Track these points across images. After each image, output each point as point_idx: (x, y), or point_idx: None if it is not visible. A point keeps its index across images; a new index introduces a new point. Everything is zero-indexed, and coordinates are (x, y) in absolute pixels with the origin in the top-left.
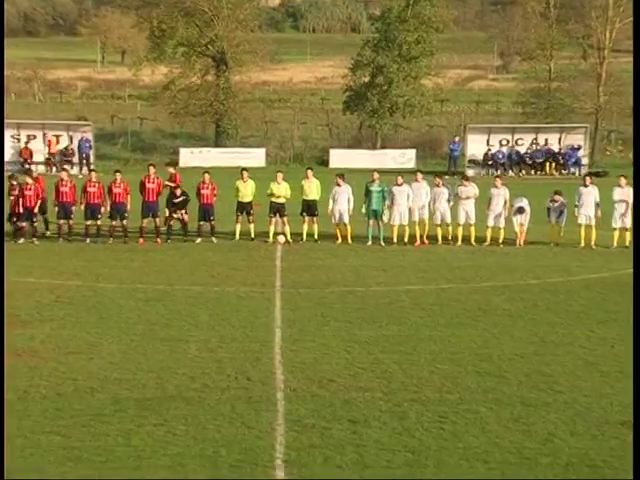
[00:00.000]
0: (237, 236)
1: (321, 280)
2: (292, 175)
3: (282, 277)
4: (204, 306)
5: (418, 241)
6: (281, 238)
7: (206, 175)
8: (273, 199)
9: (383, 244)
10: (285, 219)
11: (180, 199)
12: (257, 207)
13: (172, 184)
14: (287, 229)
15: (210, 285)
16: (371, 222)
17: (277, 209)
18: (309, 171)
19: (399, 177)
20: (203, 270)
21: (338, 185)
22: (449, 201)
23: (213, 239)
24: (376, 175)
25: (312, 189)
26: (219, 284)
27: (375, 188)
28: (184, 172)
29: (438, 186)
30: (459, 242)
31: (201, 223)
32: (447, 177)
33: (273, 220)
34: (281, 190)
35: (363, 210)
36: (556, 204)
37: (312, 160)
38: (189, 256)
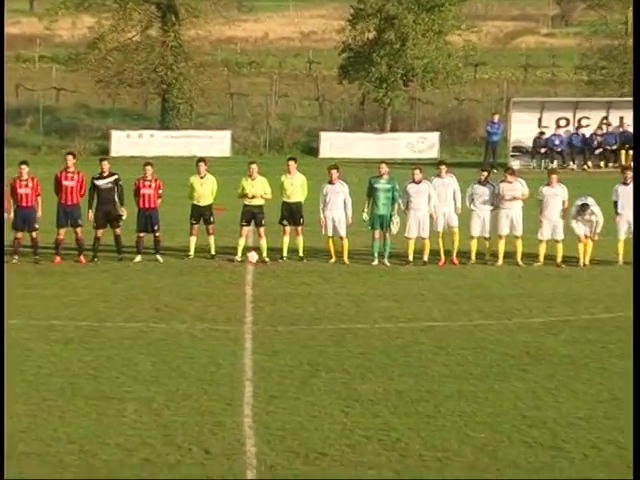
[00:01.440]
0: (192, 253)
1: (308, 314)
2: (268, 168)
3: (254, 310)
4: (146, 350)
5: (443, 259)
6: (253, 256)
7: (148, 168)
8: (246, 201)
9: (389, 264)
10: (262, 230)
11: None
12: (220, 213)
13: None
14: (263, 243)
15: (154, 321)
16: (376, 233)
17: (251, 215)
18: (291, 163)
19: (416, 171)
20: (144, 300)
21: (331, 182)
22: (455, 200)
23: (158, 257)
24: (384, 168)
25: (296, 188)
26: (167, 320)
27: (382, 186)
28: (117, 164)
29: (441, 176)
30: (500, 261)
31: (141, 235)
32: (484, 172)
33: (245, 230)
34: (256, 188)
35: (365, 216)
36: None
37: (296, 148)
38: (124, 281)
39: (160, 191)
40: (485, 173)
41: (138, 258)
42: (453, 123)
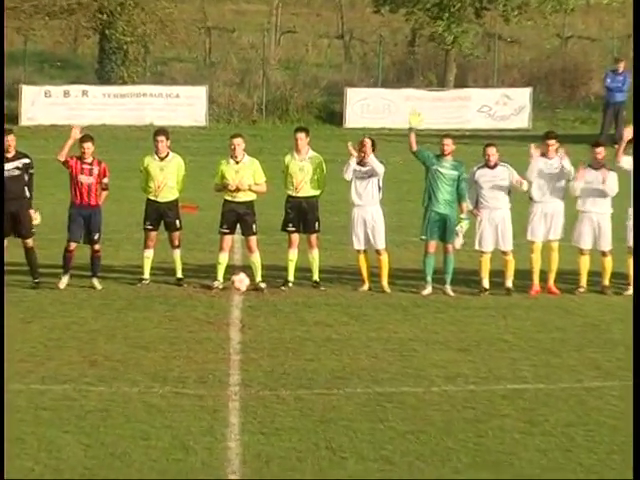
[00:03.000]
0: (147, 275)
1: (327, 370)
2: (264, 144)
3: (243, 364)
4: (74, 428)
5: (536, 285)
6: (241, 280)
7: (87, 145)
8: (228, 196)
9: (452, 292)
10: (253, 240)
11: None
12: (191, 212)
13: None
14: (256, 259)
15: (88, 382)
16: (432, 245)
17: (236, 217)
18: (300, 136)
19: (490, 149)
20: (73, 349)
21: (361, 164)
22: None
23: (95, 283)
24: (449, 145)
25: (307, 175)
26: (108, 379)
27: (447, 171)
28: (29, 138)
29: (547, 156)
30: (630, 289)
31: (72, 247)
32: (598, 150)
33: (228, 241)
34: (243, 175)
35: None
36: None
37: (308, 112)
38: (42, 319)
39: (106, 180)
40: (600, 151)
41: (64, 281)
42: (553, 74)
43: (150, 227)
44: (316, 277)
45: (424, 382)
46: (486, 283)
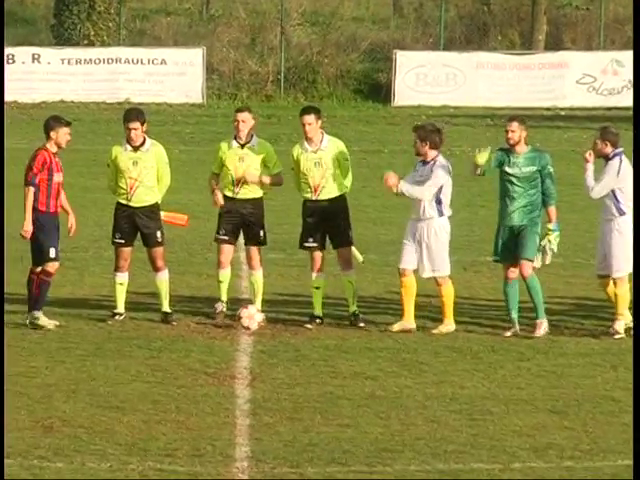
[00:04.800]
0: (121, 307)
1: (369, 441)
2: (284, 128)
3: (254, 433)
4: None
5: None
6: (251, 316)
7: (63, 130)
8: (228, 191)
9: (542, 331)
10: (257, 250)
11: None
12: (175, 223)
13: None
14: (258, 279)
15: (41, 455)
16: (512, 270)
17: (240, 220)
18: (307, 119)
19: (602, 143)
20: (19, 411)
21: (424, 160)
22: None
23: (46, 323)
24: (515, 131)
25: (327, 169)
26: (67, 452)
27: (516, 169)
28: None
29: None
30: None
31: (37, 271)
32: None
33: (227, 252)
34: (250, 163)
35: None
36: None
37: (342, 84)
38: None
39: (59, 178)
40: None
41: (43, 320)
42: None
43: (121, 241)
44: (354, 308)
45: (503, 456)
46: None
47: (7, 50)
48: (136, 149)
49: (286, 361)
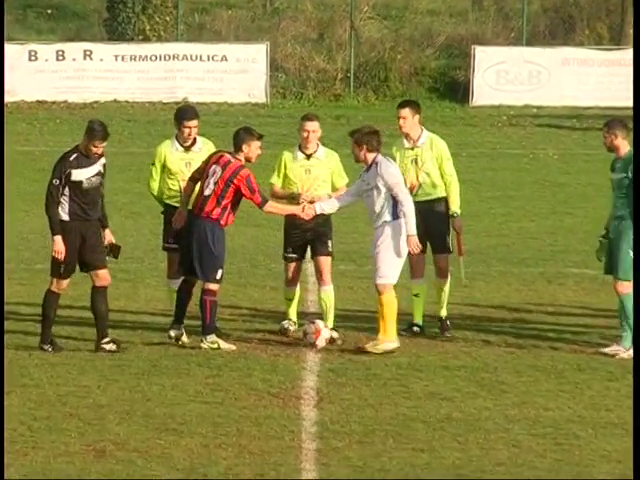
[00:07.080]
0: (179, 321)
1: (446, 466)
2: (353, 126)
3: (321, 457)
4: None
5: None
6: (319, 331)
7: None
8: (290, 204)
9: (627, 353)
10: (327, 261)
11: None
12: None
13: None
14: (330, 295)
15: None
16: (622, 284)
17: (305, 234)
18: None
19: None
20: (69, 433)
21: (368, 166)
22: None
23: (225, 347)
24: (616, 136)
25: (433, 166)
26: (121, 477)
27: (617, 174)
28: (9, 118)
29: None
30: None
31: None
32: None
33: (295, 270)
34: (317, 175)
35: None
36: None
37: (417, 82)
38: (23, 390)
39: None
40: None
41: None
42: None
43: (174, 246)
44: (444, 312)
45: None
46: None
47: (57, 46)
48: (187, 149)
49: (356, 380)
